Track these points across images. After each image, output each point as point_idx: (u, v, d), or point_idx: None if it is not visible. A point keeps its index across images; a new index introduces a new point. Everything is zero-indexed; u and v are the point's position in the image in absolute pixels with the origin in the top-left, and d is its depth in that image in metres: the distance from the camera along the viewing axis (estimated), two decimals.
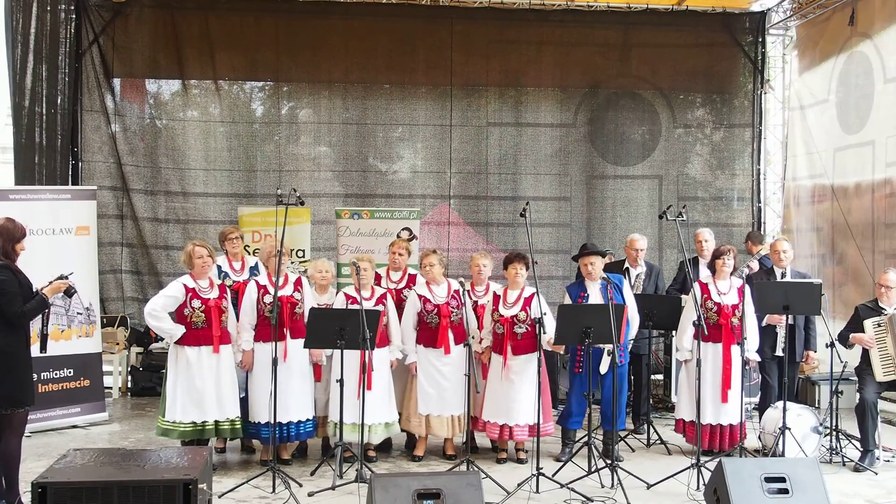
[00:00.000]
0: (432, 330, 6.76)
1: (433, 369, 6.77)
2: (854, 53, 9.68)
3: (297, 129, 10.84)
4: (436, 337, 6.74)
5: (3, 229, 5.30)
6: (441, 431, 6.81)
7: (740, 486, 4.92)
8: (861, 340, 6.88)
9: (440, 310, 6.73)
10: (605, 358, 6.66)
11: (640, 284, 7.94)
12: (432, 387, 6.77)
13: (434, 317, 6.74)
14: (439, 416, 6.77)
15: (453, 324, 6.75)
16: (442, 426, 6.79)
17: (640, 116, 11.06)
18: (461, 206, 10.84)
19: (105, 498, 4.13)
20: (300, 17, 10.53)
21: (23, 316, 5.24)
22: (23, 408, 5.26)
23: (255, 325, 6.57)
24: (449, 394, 6.73)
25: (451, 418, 6.78)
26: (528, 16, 10.64)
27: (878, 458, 6.74)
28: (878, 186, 9.17)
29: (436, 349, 6.74)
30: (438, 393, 6.75)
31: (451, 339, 6.73)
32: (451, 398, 6.74)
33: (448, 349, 6.72)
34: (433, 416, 6.78)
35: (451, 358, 6.73)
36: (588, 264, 6.81)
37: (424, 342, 6.81)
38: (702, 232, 8.32)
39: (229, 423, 6.42)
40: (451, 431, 6.82)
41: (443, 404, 6.76)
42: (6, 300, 5.15)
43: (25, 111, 9.03)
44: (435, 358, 6.76)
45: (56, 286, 5.50)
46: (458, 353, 6.67)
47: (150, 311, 6.34)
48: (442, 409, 6.77)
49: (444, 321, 6.72)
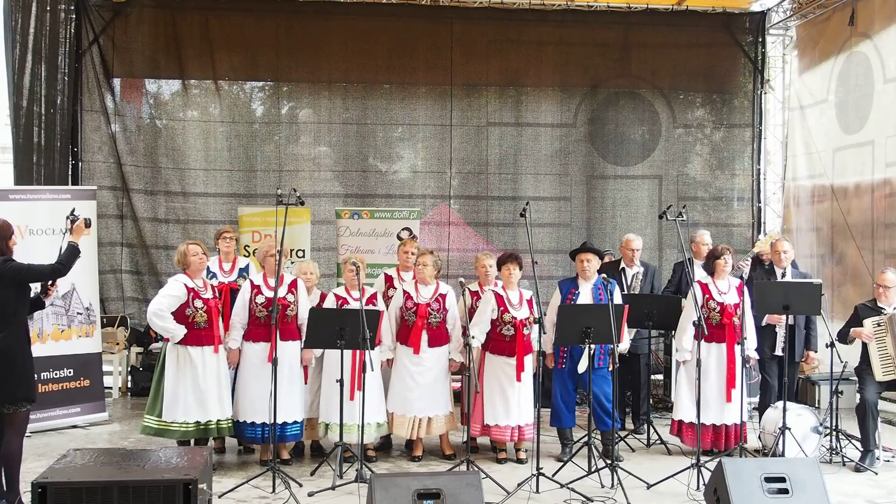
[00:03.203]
0: (409, 328, 6.73)
1: (403, 368, 6.73)
2: (854, 53, 9.68)
3: (297, 129, 10.84)
4: (408, 335, 6.71)
5: None
6: (400, 431, 6.74)
7: (740, 486, 4.92)
8: (860, 334, 6.88)
9: (418, 309, 6.69)
10: (584, 357, 6.64)
11: (637, 285, 7.93)
12: (399, 384, 6.73)
13: (411, 315, 6.71)
14: (402, 415, 6.70)
15: (430, 326, 6.70)
16: (402, 426, 6.70)
17: (640, 116, 11.06)
18: (461, 206, 10.85)
19: (105, 498, 4.13)
20: (300, 17, 10.53)
21: (62, 268, 5.24)
22: (24, 406, 5.25)
23: (245, 325, 6.57)
24: (414, 395, 6.66)
25: (413, 419, 6.68)
26: (528, 16, 10.64)
27: (878, 458, 6.74)
28: (877, 186, 9.17)
29: (407, 347, 6.72)
30: (402, 392, 6.70)
31: (424, 341, 6.67)
32: (415, 400, 6.66)
33: (417, 349, 6.66)
34: (396, 414, 6.73)
35: (421, 359, 6.68)
36: (584, 261, 6.81)
37: (400, 339, 6.78)
38: (703, 235, 8.31)
39: (227, 422, 6.45)
40: (411, 433, 6.72)
41: (405, 405, 6.69)
42: (33, 270, 5.17)
43: (24, 111, 9.02)
44: (405, 356, 6.72)
45: (80, 227, 5.44)
46: (432, 356, 6.66)
47: (154, 312, 6.30)
48: (405, 409, 6.69)
49: (419, 321, 6.67)
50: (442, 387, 6.77)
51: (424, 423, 6.72)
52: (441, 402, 6.76)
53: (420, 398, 6.66)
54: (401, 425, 6.72)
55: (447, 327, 6.79)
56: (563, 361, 6.77)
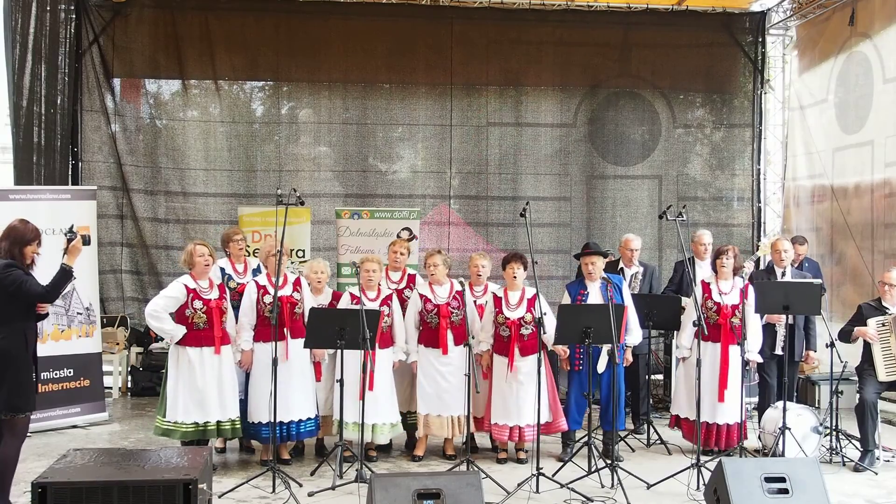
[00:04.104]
0: (432, 330, 6.77)
1: (433, 369, 6.77)
2: (854, 53, 9.68)
3: (297, 129, 10.84)
4: (435, 337, 6.75)
5: (11, 230, 5.10)
6: (440, 432, 6.81)
7: (740, 486, 4.92)
8: (864, 334, 6.87)
9: (440, 310, 6.74)
10: (604, 356, 6.66)
11: (636, 285, 7.94)
12: (431, 387, 6.77)
13: (434, 317, 6.75)
14: (438, 416, 6.77)
15: (453, 324, 6.75)
16: (441, 426, 6.78)
17: (640, 116, 11.06)
18: (461, 206, 10.85)
19: (105, 498, 4.12)
20: (300, 17, 10.53)
21: (49, 294, 5.01)
22: (22, 413, 5.08)
23: (254, 326, 6.58)
24: (448, 394, 6.73)
25: (450, 419, 6.77)
26: (528, 16, 10.64)
27: (878, 458, 6.73)
28: (877, 186, 9.17)
29: (435, 349, 6.75)
30: (437, 393, 6.75)
31: (450, 340, 6.74)
32: (450, 399, 6.73)
33: (446, 350, 6.72)
34: (432, 415, 6.78)
35: (450, 358, 6.73)
36: (589, 263, 6.82)
37: (425, 342, 6.81)
38: (703, 234, 8.30)
39: (230, 423, 6.42)
40: (450, 432, 6.81)
41: (441, 405, 6.76)
42: (24, 288, 4.93)
43: (24, 111, 9.01)
44: (434, 358, 6.77)
45: (75, 248, 5.15)
46: (458, 353, 6.67)
47: (150, 312, 6.31)
48: (441, 410, 6.76)
49: (443, 322, 6.72)
50: (465, 384, 6.77)
51: (456, 422, 6.77)
52: (465, 400, 6.77)
53: (454, 395, 6.70)
54: (439, 427, 6.76)
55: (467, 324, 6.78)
56: (579, 363, 6.77)
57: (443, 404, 6.76)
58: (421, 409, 6.79)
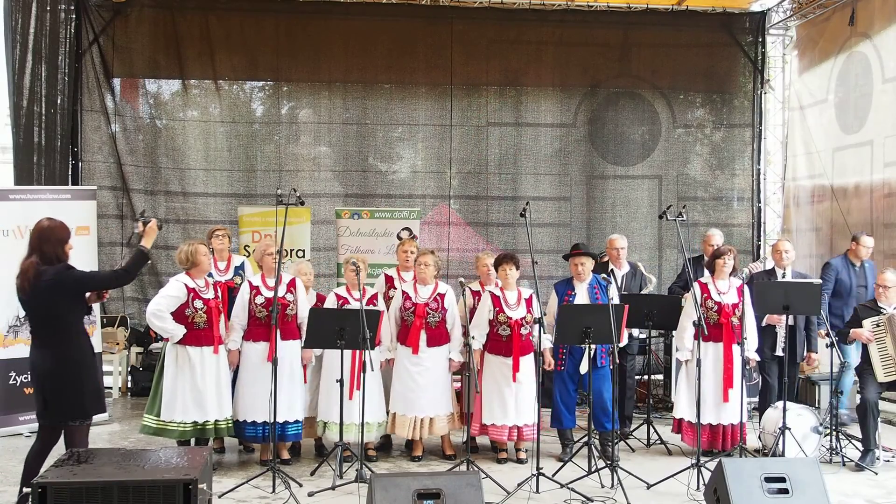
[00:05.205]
0: (408, 328, 6.73)
1: (403, 368, 6.73)
2: (853, 53, 9.68)
3: (297, 129, 10.85)
4: (408, 335, 6.71)
5: (47, 231, 5.00)
6: (402, 431, 6.73)
7: (740, 486, 4.92)
8: (860, 336, 6.88)
9: (417, 309, 6.69)
10: (585, 358, 6.63)
11: (625, 283, 7.90)
12: (400, 384, 6.73)
13: (410, 315, 6.71)
14: (403, 415, 6.70)
15: (429, 325, 6.70)
16: (404, 426, 6.69)
17: (640, 116, 11.07)
18: (461, 206, 10.85)
19: (105, 498, 4.12)
20: (300, 17, 10.54)
21: (128, 273, 5.05)
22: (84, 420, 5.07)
23: (245, 326, 6.57)
24: (414, 394, 6.66)
25: (413, 419, 6.68)
26: (528, 16, 10.65)
27: (879, 458, 6.73)
28: (876, 186, 9.17)
29: (407, 347, 6.72)
30: (404, 393, 6.70)
31: (423, 340, 6.68)
32: (416, 400, 6.66)
33: (417, 349, 6.66)
34: (398, 414, 6.73)
35: (421, 359, 6.67)
36: (578, 264, 6.82)
37: (401, 340, 6.78)
38: (714, 234, 8.29)
39: (225, 422, 6.43)
40: (412, 433, 6.72)
41: (407, 405, 6.68)
42: (96, 280, 5.00)
43: (24, 111, 9.02)
44: (405, 357, 6.72)
45: (152, 229, 5.21)
46: (431, 355, 6.65)
47: (153, 312, 6.29)
48: (406, 410, 6.68)
49: (417, 321, 6.66)
50: (443, 387, 6.76)
51: (426, 423, 6.72)
52: (442, 403, 6.75)
53: (421, 398, 6.65)
54: (402, 425, 6.70)
55: (447, 327, 6.79)
56: (562, 363, 6.78)
57: (408, 404, 6.68)
58: (391, 406, 6.76)
